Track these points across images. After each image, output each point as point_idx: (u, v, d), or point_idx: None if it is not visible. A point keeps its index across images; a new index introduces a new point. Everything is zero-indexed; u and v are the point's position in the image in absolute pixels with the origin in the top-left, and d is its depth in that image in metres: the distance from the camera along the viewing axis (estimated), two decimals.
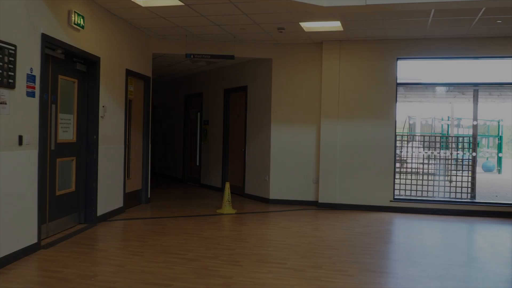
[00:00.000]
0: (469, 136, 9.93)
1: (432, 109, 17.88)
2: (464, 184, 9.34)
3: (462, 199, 9.29)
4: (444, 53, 8.63)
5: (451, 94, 12.53)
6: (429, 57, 8.80)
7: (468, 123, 19.52)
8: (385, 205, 8.90)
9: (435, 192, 9.62)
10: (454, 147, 10.21)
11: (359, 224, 7.53)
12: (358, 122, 9.02)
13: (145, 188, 9.15)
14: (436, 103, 15.63)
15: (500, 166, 18.36)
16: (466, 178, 9.39)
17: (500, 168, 18.35)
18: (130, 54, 8.25)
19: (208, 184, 11.85)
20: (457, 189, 9.42)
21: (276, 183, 9.52)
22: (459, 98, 13.19)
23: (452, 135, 16.49)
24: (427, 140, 10.06)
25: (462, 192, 9.37)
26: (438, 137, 12.10)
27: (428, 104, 16.09)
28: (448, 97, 13.51)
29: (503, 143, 18.90)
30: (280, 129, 9.50)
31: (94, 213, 7.03)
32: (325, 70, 9.15)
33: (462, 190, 9.36)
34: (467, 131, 19.47)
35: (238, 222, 7.54)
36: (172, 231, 6.68)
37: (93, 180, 7.01)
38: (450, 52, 8.59)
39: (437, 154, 10.27)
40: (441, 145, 10.75)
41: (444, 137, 13.06)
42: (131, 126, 8.60)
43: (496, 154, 18.64)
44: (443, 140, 11.22)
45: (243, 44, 9.39)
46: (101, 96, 7.15)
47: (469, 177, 9.65)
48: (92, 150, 7.00)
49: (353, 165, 9.04)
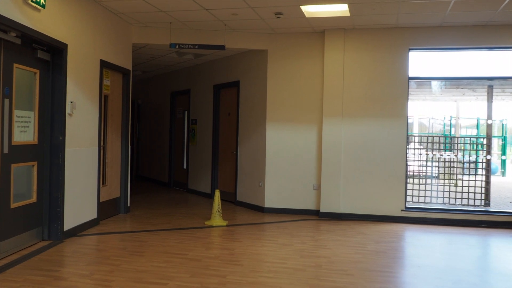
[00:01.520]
0: (482, 137, 8.99)
1: (435, 107, 16.98)
2: (472, 190, 8.48)
3: (476, 206, 8.38)
4: (462, 43, 7.65)
5: (460, 91, 11.59)
6: (445, 48, 7.81)
7: (469, 123, 18.71)
8: (396, 215, 7.90)
9: (444, 198, 8.69)
10: (464, 149, 9.35)
11: (370, 239, 6.52)
12: (365, 121, 8.02)
13: (124, 196, 8.07)
14: (440, 102, 14.68)
15: (504, 168, 17.50)
16: (474, 183, 8.49)
17: (504, 171, 17.49)
18: (106, 42, 7.17)
19: (196, 189, 10.79)
20: (469, 195, 8.49)
21: (271, 190, 8.49)
22: (468, 95, 12.24)
23: (458, 136, 15.62)
24: (431, 142, 9.10)
25: (476, 199, 8.45)
26: (443, 138, 11.13)
27: (430, 102, 15.16)
28: (456, 95, 12.56)
29: (507, 144, 18.02)
30: (276, 129, 8.47)
31: (60, 228, 5.95)
32: (328, 63, 8.14)
33: (475, 196, 8.44)
34: (470, 132, 18.65)
35: (229, 237, 6.49)
36: (151, 250, 5.62)
37: (59, 189, 5.93)
38: (469, 42, 7.61)
39: (444, 157, 9.37)
40: (446, 147, 9.97)
41: (448, 137, 12.11)
42: (108, 125, 7.51)
43: (500, 156, 17.75)
44: (448, 141, 10.36)
45: (235, 33, 8.35)
46: (69, 90, 6.08)
47: (483, 182, 8.75)
48: (58, 154, 5.92)
49: (359, 169, 8.03)
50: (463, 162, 9.35)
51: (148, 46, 8.79)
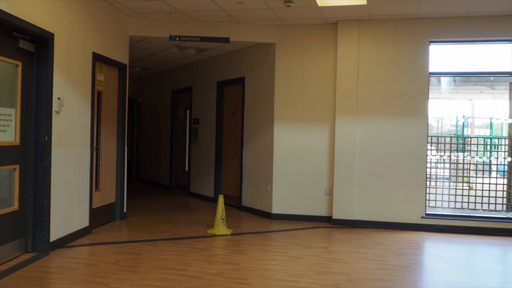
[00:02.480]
0: (501, 137, 8.34)
1: (446, 106, 16.27)
2: (488, 193, 7.85)
3: (497, 212, 7.75)
4: (489, 35, 6.99)
5: (478, 89, 10.91)
6: (469, 40, 7.16)
7: (480, 122, 17.99)
8: (415, 222, 7.24)
9: (457, 203, 8.04)
10: (484, 150, 8.72)
11: (390, 251, 5.87)
12: (382, 120, 7.38)
13: (120, 201, 7.44)
14: (454, 100, 13.96)
15: None
16: (493, 186, 7.88)
17: None
18: (99, 34, 6.55)
19: (198, 193, 10.16)
20: (489, 199, 7.84)
21: (279, 195, 7.85)
22: (486, 93, 11.55)
23: (472, 136, 14.94)
24: (449, 142, 8.49)
25: (497, 203, 7.80)
26: (461, 139, 10.47)
27: (442, 101, 14.46)
28: (473, 92, 11.86)
29: None
30: (284, 129, 7.83)
31: (45, 239, 5.33)
32: (341, 57, 7.49)
33: (496, 201, 7.80)
34: (483, 132, 17.93)
35: (234, 249, 5.85)
36: (146, 264, 4.99)
37: (44, 195, 5.31)
38: (497, 33, 6.94)
39: (459, 158, 8.73)
40: (459, 148, 9.46)
41: (468, 138, 11.44)
42: (102, 124, 6.89)
43: None
44: (464, 141, 9.78)
45: (240, 25, 7.71)
46: (56, 84, 5.46)
47: (504, 186, 8.10)
48: (43, 156, 5.30)
49: (375, 173, 7.39)
50: (477, 164, 8.72)
51: (147, 40, 8.17)
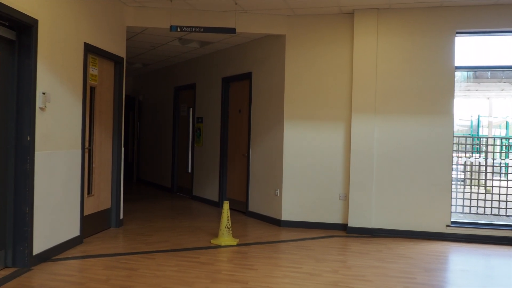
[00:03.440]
0: None
1: (459, 105, 15.59)
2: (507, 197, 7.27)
3: None
4: None
5: (500, 86, 10.24)
6: (501, 31, 6.50)
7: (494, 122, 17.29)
8: (440, 231, 6.58)
9: (478, 207, 7.42)
10: (498, 151, 8.13)
11: (417, 266, 5.22)
12: (403, 119, 6.72)
13: (116, 207, 6.82)
14: (471, 98, 13.25)
15: None
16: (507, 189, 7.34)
17: None
18: (92, 23, 5.93)
19: (202, 196, 9.53)
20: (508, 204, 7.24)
21: (290, 200, 7.21)
22: (508, 91, 10.86)
23: (489, 136, 14.26)
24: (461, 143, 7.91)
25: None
26: (476, 139, 9.82)
27: (459, 99, 13.79)
28: (493, 90, 11.18)
29: None
30: (295, 128, 7.19)
31: (27, 252, 4.71)
32: (358, 50, 6.84)
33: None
34: (499, 132, 17.23)
35: (241, 263, 5.20)
36: (141, 283, 4.36)
37: (26, 202, 4.69)
38: None
39: (478, 160, 8.12)
40: (474, 149, 8.91)
41: (477, 138, 10.77)
42: (95, 123, 6.27)
43: None
44: (476, 142, 9.21)
45: (247, 15, 7.07)
46: (41, 78, 4.83)
47: None
48: (25, 158, 4.68)
49: (396, 176, 6.73)
50: (493, 166, 8.07)
51: (146, 32, 7.55)
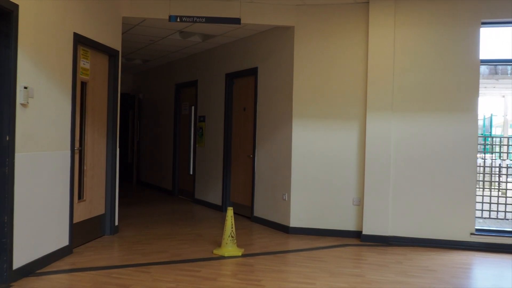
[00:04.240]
0: None
1: None
2: None
3: None
4: None
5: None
6: None
7: (498, 121, 16.71)
8: (463, 239, 6.03)
9: (491, 211, 6.93)
10: None
11: (442, 280, 4.67)
12: (422, 118, 6.17)
13: (111, 212, 6.29)
14: (486, 96, 12.70)
15: None
16: None
17: None
18: (83, 12, 5.40)
19: (204, 200, 9.00)
20: None
21: (299, 205, 6.67)
22: None
23: (505, 136, 13.70)
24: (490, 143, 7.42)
25: None
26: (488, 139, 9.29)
27: None
28: (510, 88, 10.63)
29: None
30: (305, 128, 6.64)
31: (6, 266, 4.19)
32: (373, 42, 6.29)
33: None
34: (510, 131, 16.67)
35: (247, 278, 4.66)
36: None
37: (4, 210, 4.16)
38: None
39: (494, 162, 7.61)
40: (487, 149, 8.49)
41: (489, 138, 10.23)
42: (87, 121, 5.74)
43: None
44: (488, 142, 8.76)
45: (253, 5, 6.54)
46: (22, 70, 4.31)
47: None
48: (3, 161, 4.16)
49: (414, 180, 6.18)
50: (507, 167, 7.56)
51: (144, 23, 7.03)
